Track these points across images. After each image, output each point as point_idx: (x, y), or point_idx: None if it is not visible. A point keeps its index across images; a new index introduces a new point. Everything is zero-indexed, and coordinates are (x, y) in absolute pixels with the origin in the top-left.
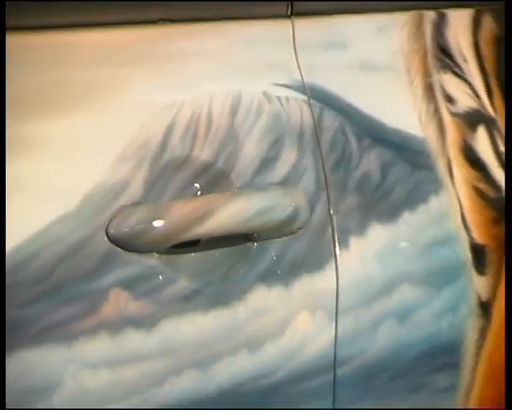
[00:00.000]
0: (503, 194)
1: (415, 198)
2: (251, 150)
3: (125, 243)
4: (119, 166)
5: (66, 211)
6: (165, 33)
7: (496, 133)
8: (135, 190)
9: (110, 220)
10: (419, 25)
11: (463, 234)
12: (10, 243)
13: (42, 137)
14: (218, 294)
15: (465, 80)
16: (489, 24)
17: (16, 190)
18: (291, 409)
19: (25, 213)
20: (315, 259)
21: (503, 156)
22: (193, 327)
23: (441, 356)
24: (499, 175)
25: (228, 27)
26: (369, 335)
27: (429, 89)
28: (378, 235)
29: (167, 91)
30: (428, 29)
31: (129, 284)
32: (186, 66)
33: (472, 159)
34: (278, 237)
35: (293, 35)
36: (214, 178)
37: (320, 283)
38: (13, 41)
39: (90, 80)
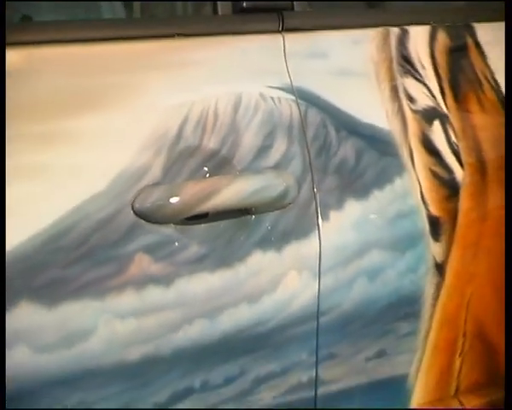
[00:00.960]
0: (455, 175)
1: (383, 179)
2: (249, 141)
3: (148, 216)
4: (142, 153)
5: (98, 191)
6: (178, 45)
7: (448, 126)
8: (155, 173)
9: (135, 198)
10: (386, 38)
11: (422, 208)
12: (53, 216)
13: (77, 130)
14: (223, 257)
15: (423, 83)
16: (443, 38)
17: (57, 173)
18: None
19: (64, 192)
20: (301, 228)
21: (455, 146)
22: (202, 284)
23: (404, 307)
24: (451, 160)
25: (231, 40)
26: (345, 290)
27: (394, 90)
28: (353, 209)
29: (180, 93)
30: (393, 42)
31: (150, 250)
32: (195, 72)
33: (429, 147)
34: (272, 211)
35: (284, 47)
36: (219, 163)
37: (306, 248)
38: (53, 51)
39: (116, 84)
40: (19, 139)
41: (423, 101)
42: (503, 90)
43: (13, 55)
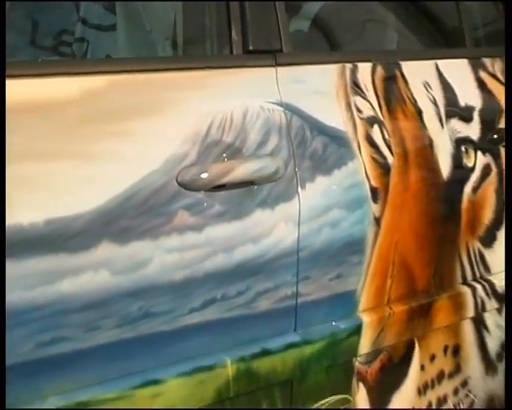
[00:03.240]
0: (387, 160)
1: (340, 163)
2: (253, 137)
3: (186, 186)
4: (183, 145)
5: (155, 169)
6: (207, 74)
7: (383, 128)
8: (191, 157)
9: (178, 174)
10: (343, 71)
11: (366, 182)
12: (126, 184)
13: (142, 129)
14: (236, 213)
15: (367, 100)
16: (380, 70)
17: (129, 157)
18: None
19: (134, 168)
20: (287, 194)
21: (387, 141)
22: (223, 231)
23: (354, 246)
24: (385, 150)
25: (242, 71)
26: (315, 235)
27: (348, 104)
28: (321, 182)
29: (208, 105)
30: (348, 73)
31: (188, 208)
32: (218, 91)
33: (371, 142)
34: (268, 183)
35: (276, 76)
36: (233, 152)
37: (290, 207)
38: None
39: (167, 99)
40: (105, 135)
41: (367, 112)
42: (420, 105)
43: (98, 81)
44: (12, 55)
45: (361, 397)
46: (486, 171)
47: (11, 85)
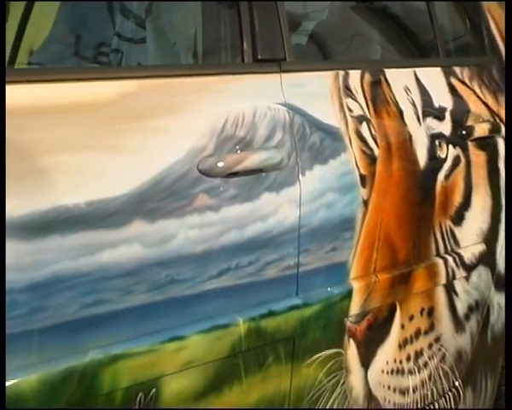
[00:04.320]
0: (374, 152)
1: (334, 154)
2: (262, 132)
3: (206, 173)
4: (202, 139)
5: (179, 158)
6: (223, 79)
7: (370, 125)
8: (209, 149)
9: (199, 162)
10: (336, 76)
11: (356, 170)
12: (156, 171)
13: (167, 126)
14: (247, 196)
15: (357, 101)
16: (368, 76)
17: (158, 148)
18: None
19: (162, 158)
20: (290, 180)
21: (374, 136)
22: (236, 211)
23: (346, 224)
24: (372, 144)
25: (252, 76)
26: (313, 215)
27: (341, 105)
28: (319, 170)
29: (224, 105)
30: (341, 78)
31: (207, 191)
32: (232, 93)
33: (360, 137)
34: (274, 171)
35: (281, 81)
36: (245, 144)
37: (292, 191)
38: (154, 82)
39: (189, 100)
40: (137, 130)
41: (357, 111)
42: (401, 106)
43: (131, 85)
44: (59, 63)
45: (351, 351)
46: (456, 161)
47: (60, 88)
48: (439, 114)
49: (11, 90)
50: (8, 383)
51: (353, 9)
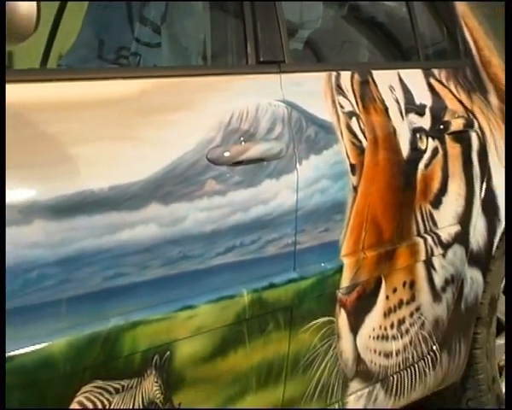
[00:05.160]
0: (362, 143)
1: (327, 145)
2: (263, 125)
3: (214, 161)
4: (210, 131)
5: (190, 149)
6: (228, 79)
7: (359, 120)
8: (217, 141)
9: (208, 152)
10: (329, 77)
11: (346, 159)
12: (169, 160)
13: (177, 121)
14: (250, 181)
15: (347, 98)
16: (357, 77)
17: (170, 140)
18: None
19: (175, 149)
20: (288, 169)
21: (362, 129)
22: (240, 195)
23: (338, 207)
24: (361, 136)
25: (255, 76)
26: (309, 198)
27: (333, 102)
28: (314, 159)
29: (229, 102)
30: (333, 78)
31: (215, 177)
32: (237, 92)
33: (350, 130)
34: (274, 160)
35: (281, 80)
36: (249, 136)
37: (290, 178)
38: (164, 81)
39: (198, 98)
40: (153, 124)
41: (347, 107)
42: (386, 103)
43: (148, 84)
44: (85, 65)
45: (342, 319)
46: (435, 152)
47: (85, 87)
48: (419, 111)
49: (43, 88)
50: (40, 346)
51: (344, 18)
